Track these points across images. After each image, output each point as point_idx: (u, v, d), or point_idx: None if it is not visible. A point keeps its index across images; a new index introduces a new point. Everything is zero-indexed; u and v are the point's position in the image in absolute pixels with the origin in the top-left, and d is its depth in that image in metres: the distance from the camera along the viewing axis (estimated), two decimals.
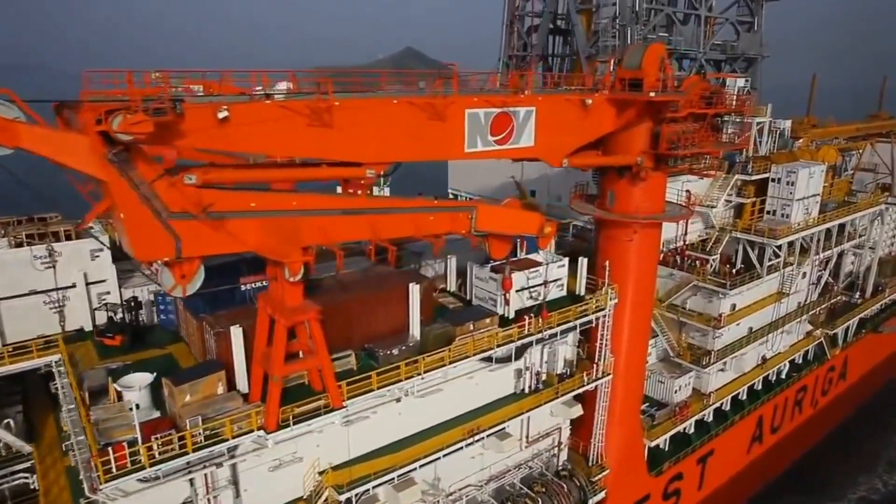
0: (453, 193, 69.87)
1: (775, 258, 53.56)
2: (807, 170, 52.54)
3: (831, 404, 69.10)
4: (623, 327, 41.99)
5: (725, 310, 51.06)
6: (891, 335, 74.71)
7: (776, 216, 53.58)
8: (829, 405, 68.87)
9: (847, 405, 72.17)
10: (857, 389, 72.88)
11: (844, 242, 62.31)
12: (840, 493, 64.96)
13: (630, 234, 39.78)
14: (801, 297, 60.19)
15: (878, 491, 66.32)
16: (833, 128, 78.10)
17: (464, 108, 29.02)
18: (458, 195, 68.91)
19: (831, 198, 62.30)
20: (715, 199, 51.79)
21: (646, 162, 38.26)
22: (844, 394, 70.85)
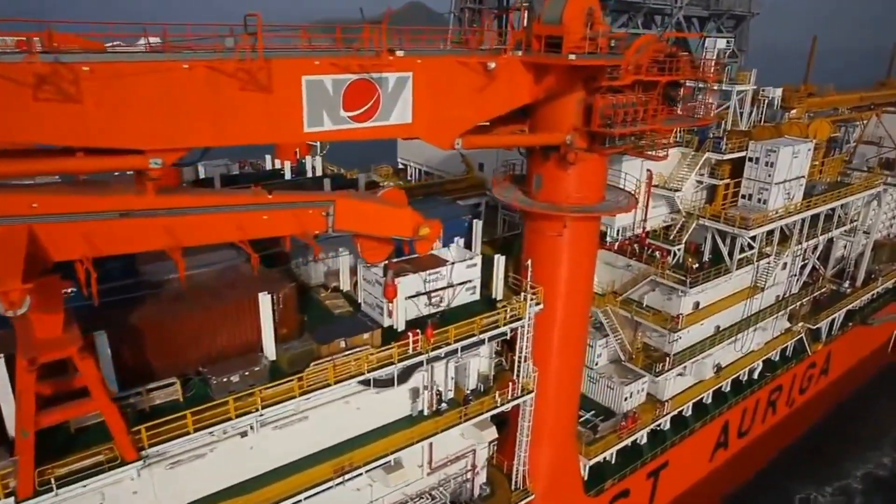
0: (402, 164, 62.12)
1: (749, 249, 45.81)
2: (790, 148, 44.27)
3: (810, 402, 62.08)
4: (551, 337, 34.83)
5: (686, 309, 43.61)
6: (881, 327, 67.07)
7: (752, 201, 45.59)
8: (808, 403, 61.86)
9: (827, 402, 65.14)
10: (839, 385, 65.70)
11: (833, 229, 54.22)
12: (845, 470, 61.14)
13: (558, 228, 32.20)
14: (780, 290, 52.61)
15: (885, 467, 62.45)
16: (832, 97, 69.02)
17: (300, 75, 21.37)
18: (408, 166, 61.19)
19: (821, 178, 54.08)
20: (681, 181, 43.81)
21: (577, 141, 30.51)
22: (825, 390, 63.72)
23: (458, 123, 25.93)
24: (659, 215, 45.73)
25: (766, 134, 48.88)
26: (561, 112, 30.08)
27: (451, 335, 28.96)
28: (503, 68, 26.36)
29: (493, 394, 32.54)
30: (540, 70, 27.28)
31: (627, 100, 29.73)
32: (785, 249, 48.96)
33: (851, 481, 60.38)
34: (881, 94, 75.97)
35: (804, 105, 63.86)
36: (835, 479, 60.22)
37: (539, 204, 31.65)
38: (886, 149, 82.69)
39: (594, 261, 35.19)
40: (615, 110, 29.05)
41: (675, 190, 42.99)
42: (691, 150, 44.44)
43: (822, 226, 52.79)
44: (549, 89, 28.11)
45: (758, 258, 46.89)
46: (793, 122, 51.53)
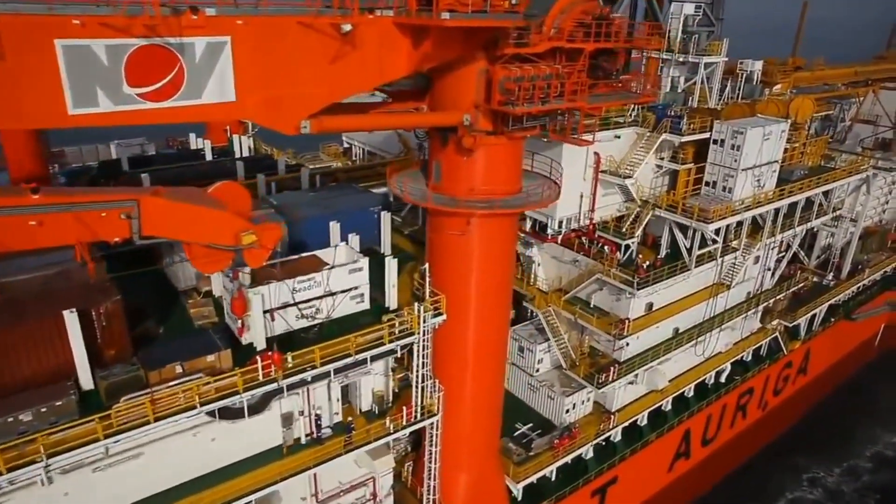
0: (347, 143, 56.58)
1: (712, 243, 40.23)
2: (759, 129, 38.37)
3: (785, 403, 56.89)
4: (462, 350, 29.70)
5: (636, 312, 38.28)
6: (866, 322, 61.44)
7: (717, 189, 39.87)
8: (783, 404, 56.68)
9: (804, 403, 59.93)
10: (819, 384, 60.41)
11: (814, 219, 48.39)
12: (855, 449, 59.13)
13: (461, 226, 26.80)
14: (751, 286, 47.11)
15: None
16: (822, 71, 62.59)
17: (50, 38, 15.96)
18: (353, 145, 55.65)
19: (801, 163, 48.14)
20: (633, 166, 38.08)
21: (480, 122, 24.98)
22: (803, 390, 58.44)
23: (306, 102, 20.42)
24: (612, 204, 40.10)
25: (738, 112, 42.94)
26: (459, 86, 24.57)
27: (317, 357, 23.83)
28: (367, 32, 20.78)
29: (386, 419, 27.54)
30: (419, 34, 21.66)
31: (538, 71, 24.08)
32: (756, 242, 43.33)
33: (860, 461, 58.26)
34: (878, 69, 69.37)
35: (790, 80, 57.62)
36: (844, 459, 58.16)
37: (435, 197, 26.24)
38: (883, 128, 76.26)
39: (512, 262, 29.83)
40: (518, 84, 23.45)
41: (625, 176, 37.28)
42: (647, 130, 38.64)
43: (801, 215, 47.01)
44: (434, 58, 22.50)
45: (723, 253, 41.33)
46: (770, 100, 45.48)
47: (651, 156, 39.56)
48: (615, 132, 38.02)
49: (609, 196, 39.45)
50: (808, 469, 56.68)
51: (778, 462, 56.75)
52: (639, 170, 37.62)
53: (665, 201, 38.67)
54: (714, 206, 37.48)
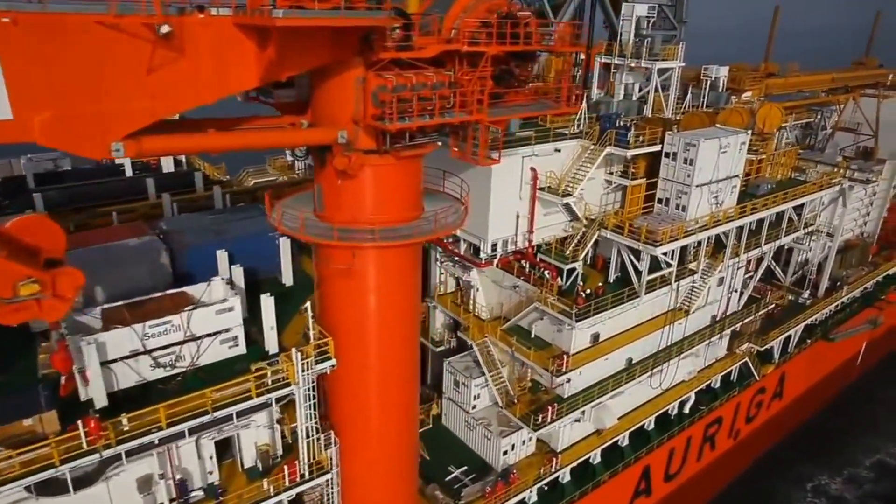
0: (290, 157, 52.82)
1: (666, 267, 36.40)
2: (714, 141, 34.61)
3: (760, 430, 52.92)
4: (361, 398, 25.82)
5: (581, 343, 34.50)
6: (845, 342, 57.44)
7: (669, 207, 36.10)
8: (757, 431, 52.71)
9: (782, 428, 55.97)
10: (796, 409, 56.40)
11: (783, 236, 44.51)
12: (855, 458, 58.16)
13: (346, 259, 22.99)
14: (716, 310, 43.26)
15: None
16: (797, 77, 58.89)
17: None
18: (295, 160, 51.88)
19: (769, 176, 44.38)
20: (574, 182, 34.28)
21: (360, 139, 21.24)
22: (779, 415, 54.45)
23: (119, 119, 16.59)
24: (557, 224, 36.26)
25: (697, 122, 39.19)
26: (335, 98, 20.81)
27: (162, 417, 20.00)
28: (197, 34, 17.03)
29: (264, 480, 23.66)
30: (265, 37, 17.90)
31: (422, 79, 20.35)
32: (718, 263, 39.48)
33: (861, 469, 57.38)
34: (857, 75, 65.68)
35: (761, 87, 54.01)
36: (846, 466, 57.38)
37: (311, 226, 22.42)
38: (864, 136, 72.54)
39: (415, 295, 25.85)
40: (396, 95, 19.70)
41: (564, 195, 33.46)
42: (591, 143, 34.85)
43: (770, 232, 43.16)
44: (290, 65, 18.71)
45: (679, 276, 37.46)
46: (734, 108, 41.73)
47: (597, 170, 35.86)
48: (555, 145, 34.28)
49: (552, 215, 35.61)
50: (812, 478, 55.51)
51: (780, 471, 55.23)
52: (580, 187, 33.79)
53: (611, 221, 34.86)
54: (664, 226, 33.66)
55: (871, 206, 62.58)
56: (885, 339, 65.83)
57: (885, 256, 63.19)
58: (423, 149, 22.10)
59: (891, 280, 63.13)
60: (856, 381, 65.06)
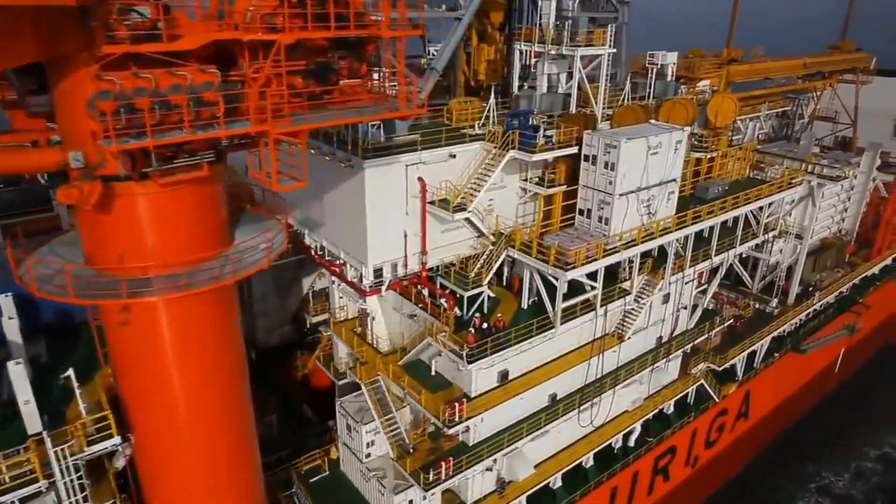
0: None
1: (591, 290, 30.05)
2: (640, 141, 28.16)
3: (724, 453, 46.69)
4: (175, 479, 19.82)
5: (485, 383, 28.31)
6: (818, 352, 50.97)
7: (591, 220, 29.74)
8: (721, 455, 46.50)
9: (751, 448, 49.75)
10: (766, 426, 50.08)
11: (738, 244, 37.99)
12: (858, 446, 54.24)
13: (116, 312, 16.87)
14: (664, 329, 36.96)
15: None
16: (764, 63, 52.08)
17: None
18: None
19: (723, 176, 37.92)
20: (471, 193, 27.90)
21: (108, 162, 15.04)
22: (746, 435, 48.19)
23: None
24: (463, 240, 29.98)
25: (631, 117, 32.74)
26: (65, 106, 14.69)
27: None
28: None
29: None
30: None
31: (173, 81, 14.11)
32: (658, 280, 33.12)
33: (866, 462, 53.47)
34: (832, 60, 58.74)
35: (721, 74, 47.33)
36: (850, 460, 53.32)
37: (78, 271, 16.24)
38: (842, 125, 65.81)
39: (233, 345, 19.74)
40: (124, 102, 13.48)
41: (456, 209, 27.09)
42: (494, 145, 28.44)
43: (723, 241, 36.69)
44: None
45: (609, 299, 31.09)
46: (676, 101, 35.16)
47: (510, 177, 29.60)
48: (450, 149, 27.92)
49: (454, 231, 29.33)
50: (817, 474, 51.49)
51: (782, 467, 51.42)
52: (477, 199, 27.43)
53: (518, 239, 28.50)
54: (577, 244, 27.28)
55: (849, 201, 56.17)
56: (866, 342, 59.33)
57: (864, 256, 56.62)
58: (192, 172, 15.84)
59: (869, 281, 56.66)
60: (839, 386, 58.69)
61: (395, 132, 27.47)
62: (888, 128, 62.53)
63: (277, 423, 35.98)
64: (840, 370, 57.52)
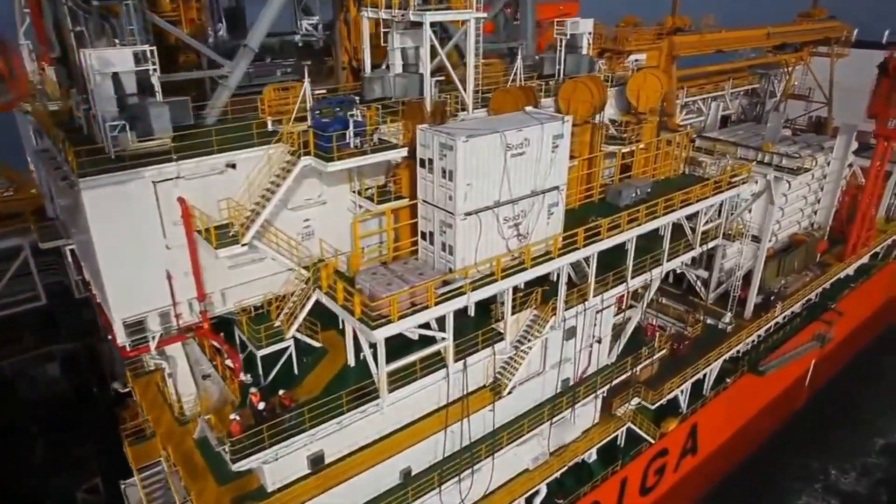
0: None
1: (442, 341, 21.47)
2: (490, 138, 19.30)
3: (666, 496, 38.26)
4: None
5: (288, 475, 19.98)
6: (780, 372, 42.10)
7: (435, 247, 21.07)
8: (663, 499, 38.08)
9: (701, 482, 41.26)
10: (721, 457, 41.56)
11: (665, 261, 28.99)
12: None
13: None
14: (573, 370, 28.35)
15: None
16: (719, 34, 42.68)
17: None
18: None
19: (647, 174, 29.02)
20: (251, 218, 19.29)
21: None
22: (693, 473, 39.71)
23: None
24: (276, 273, 21.46)
25: (510, 103, 23.88)
26: None
27: None
28: None
29: None
30: None
31: None
32: (547, 317, 24.46)
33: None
34: (801, 30, 49.21)
35: (662, 47, 38.04)
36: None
37: None
38: (817, 104, 56.30)
39: None
40: None
41: (225, 242, 18.53)
42: (290, 149, 19.74)
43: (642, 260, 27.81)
44: None
45: (466, 351, 22.46)
46: (580, 80, 26.20)
47: (318, 189, 20.99)
48: (227, 158, 19.27)
49: (257, 265, 20.78)
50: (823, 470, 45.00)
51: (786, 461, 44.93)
52: (258, 222, 18.80)
53: (325, 277, 19.84)
54: (397, 287, 18.60)
55: (822, 191, 47.06)
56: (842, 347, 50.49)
57: (837, 254, 47.57)
58: None
59: (843, 284, 47.69)
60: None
61: (154, 133, 18.89)
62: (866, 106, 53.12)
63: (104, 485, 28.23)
64: (810, 384, 48.77)
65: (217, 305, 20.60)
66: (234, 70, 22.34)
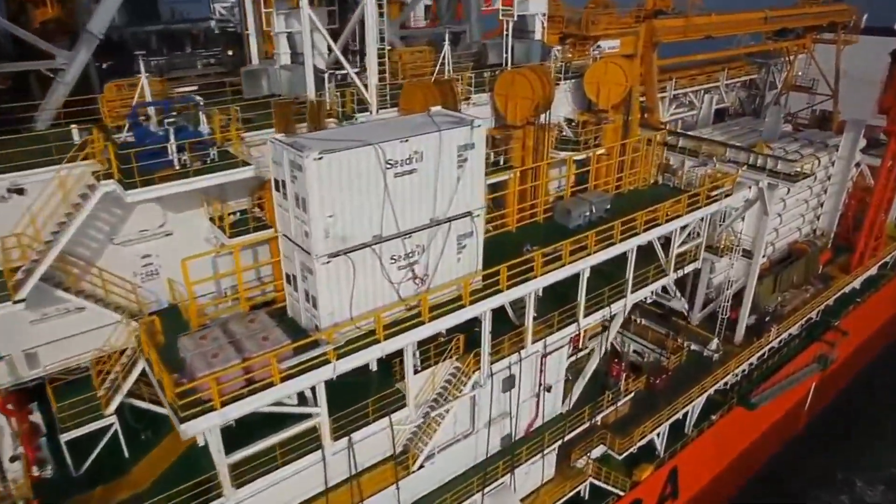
0: None
1: (315, 415, 16.26)
2: (358, 153, 13.98)
3: None
4: None
5: None
6: (772, 404, 36.40)
7: (299, 293, 15.83)
8: None
9: None
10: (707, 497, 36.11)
11: (629, 293, 23.43)
12: None
13: None
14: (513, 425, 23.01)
15: None
16: (708, 17, 36.72)
17: None
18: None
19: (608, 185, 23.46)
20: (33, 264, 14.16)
21: None
22: None
23: None
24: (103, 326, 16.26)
25: (418, 100, 18.38)
26: None
27: None
28: None
29: None
30: None
31: None
32: (469, 370, 19.14)
33: None
34: (803, 13, 43.10)
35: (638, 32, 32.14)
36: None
37: None
38: (822, 97, 50.16)
39: None
40: None
41: None
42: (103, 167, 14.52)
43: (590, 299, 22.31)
44: None
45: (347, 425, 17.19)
46: (519, 72, 20.71)
47: (160, 217, 15.72)
48: (9, 180, 14.04)
49: (76, 316, 15.64)
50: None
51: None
52: (47, 261, 13.63)
53: (145, 340, 14.65)
54: (223, 360, 13.32)
55: (825, 193, 41.25)
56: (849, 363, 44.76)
57: (841, 265, 41.74)
58: None
59: (848, 298, 41.83)
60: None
61: None
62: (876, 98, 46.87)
63: None
64: (811, 407, 43.11)
65: (20, 370, 15.46)
66: (71, 62, 17.12)
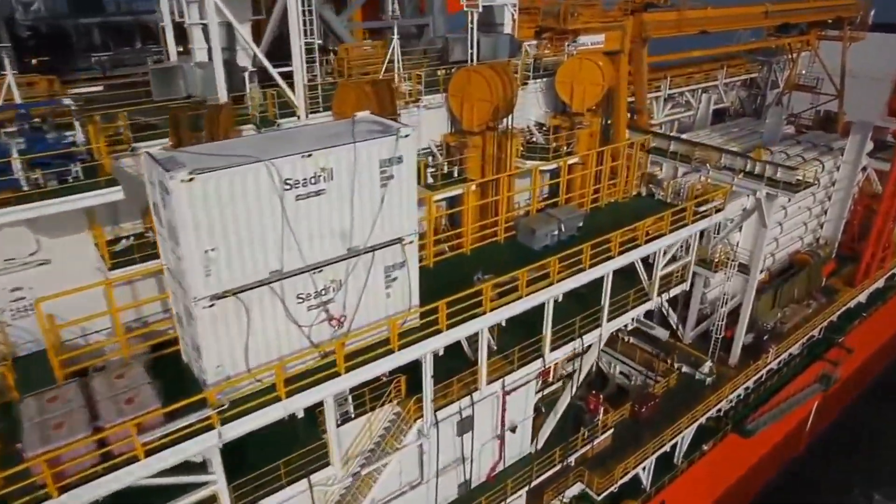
0: None
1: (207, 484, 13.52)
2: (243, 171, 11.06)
3: None
4: None
5: None
6: (769, 431, 33.42)
7: (188, 343, 13.07)
8: None
9: None
10: None
11: (605, 321, 20.51)
12: None
13: None
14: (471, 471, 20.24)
15: None
16: (703, 11, 33.62)
17: None
18: None
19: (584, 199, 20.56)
20: None
21: None
22: None
23: None
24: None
25: (350, 102, 15.51)
26: None
27: None
28: None
29: None
30: None
31: None
32: (410, 418, 16.33)
33: None
34: (807, 8, 39.93)
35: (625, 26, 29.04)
36: None
37: None
38: (826, 96, 46.93)
39: None
40: None
41: None
42: None
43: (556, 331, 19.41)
44: None
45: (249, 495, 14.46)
46: (475, 69, 17.86)
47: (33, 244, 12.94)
48: None
49: None
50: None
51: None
52: None
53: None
54: (77, 427, 10.55)
55: (829, 200, 38.24)
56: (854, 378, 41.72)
57: (846, 277, 38.67)
58: None
59: (853, 313, 38.75)
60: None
61: None
62: (885, 99, 43.57)
63: None
64: (812, 427, 40.14)
65: None
66: None
